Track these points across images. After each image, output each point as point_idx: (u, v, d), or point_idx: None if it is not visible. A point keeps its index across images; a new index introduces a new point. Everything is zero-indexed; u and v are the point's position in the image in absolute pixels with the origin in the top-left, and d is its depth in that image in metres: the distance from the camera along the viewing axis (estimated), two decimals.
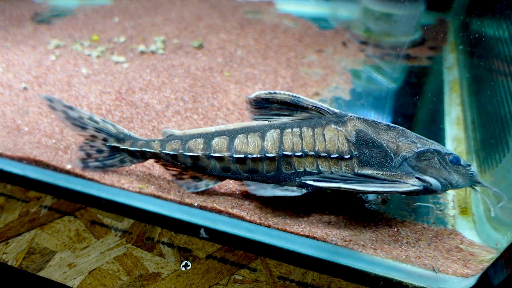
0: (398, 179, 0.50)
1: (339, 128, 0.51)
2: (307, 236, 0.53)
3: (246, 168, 0.54)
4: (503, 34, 0.68)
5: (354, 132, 0.50)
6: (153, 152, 0.56)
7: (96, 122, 0.58)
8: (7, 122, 0.74)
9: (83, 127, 0.58)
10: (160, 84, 0.84)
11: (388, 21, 0.94)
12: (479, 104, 0.71)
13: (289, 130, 0.52)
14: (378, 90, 0.86)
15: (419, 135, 0.52)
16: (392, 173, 0.50)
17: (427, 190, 0.50)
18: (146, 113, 0.75)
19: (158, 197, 0.59)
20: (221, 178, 0.57)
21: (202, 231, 0.59)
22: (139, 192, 0.60)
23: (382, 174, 0.50)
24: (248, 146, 0.52)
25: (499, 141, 0.57)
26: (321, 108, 0.51)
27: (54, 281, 0.53)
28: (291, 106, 0.52)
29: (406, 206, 0.57)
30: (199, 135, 0.55)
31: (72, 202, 0.65)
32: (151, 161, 0.64)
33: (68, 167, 0.63)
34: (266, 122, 0.53)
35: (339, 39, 1.02)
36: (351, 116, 0.52)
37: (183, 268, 0.54)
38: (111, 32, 1.07)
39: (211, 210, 0.57)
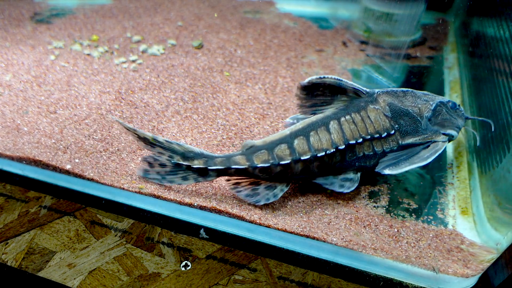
0: (431, 139, 0.55)
1: (376, 107, 0.54)
2: (307, 236, 0.53)
3: (321, 165, 0.54)
4: (504, 34, 0.68)
5: (387, 107, 0.55)
6: (242, 168, 0.53)
7: (161, 143, 0.55)
8: (6, 122, 0.74)
9: (152, 146, 0.56)
10: (160, 84, 0.84)
11: (388, 20, 0.94)
12: (479, 104, 0.71)
13: (343, 119, 0.54)
14: None
15: (423, 92, 0.58)
16: (425, 135, 0.55)
17: (449, 141, 0.57)
18: (146, 113, 0.75)
19: (158, 197, 0.59)
20: (290, 181, 0.56)
21: (202, 231, 0.59)
22: (139, 192, 0.60)
23: (419, 139, 0.55)
24: (321, 142, 0.53)
25: (500, 141, 0.57)
26: (358, 89, 0.54)
27: (54, 281, 0.53)
28: (334, 90, 0.54)
29: (406, 206, 0.57)
30: (280, 141, 0.53)
31: (72, 202, 0.65)
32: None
33: (68, 167, 0.63)
34: (321, 115, 0.55)
35: (339, 38, 1.02)
36: (378, 92, 0.56)
37: (183, 268, 0.54)
38: (110, 31, 1.07)
39: (211, 210, 0.57)
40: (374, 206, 0.57)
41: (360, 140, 0.53)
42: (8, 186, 0.68)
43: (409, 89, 0.57)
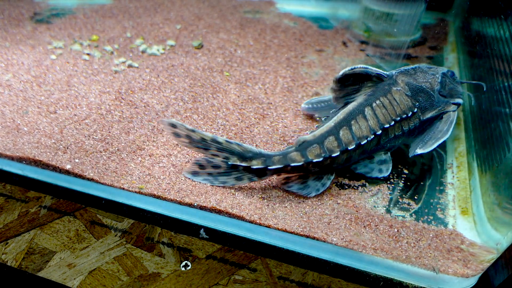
0: (444, 111, 0.60)
1: (398, 88, 0.58)
2: (307, 236, 0.53)
3: (362, 152, 0.57)
4: (504, 34, 0.68)
5: (406, 86, 0.58)
6: (299, 165, 0.53)
7: (220, 143, 0.54)
8: (6, 122, 0.74)
9: (206, 149, 0.55)
10: (160, 84, 0.84)
11: (388, 20, 0.93)
12: (479, 103, 0.71)
13: (374, 104, 0.57)
14: None
15: (426, 65, 0.63)
16: (439, 108, 0.60)
17: (458, 108, 0.62)
18: (146, 113, 0.75)
19: (158, 197, 0.59)
20: (334, 169, 0.58)
21: (202, 231, 0.59)
22: (139, 192, 0.60)
23: (435, 112, 0.59)
24: (362, 130, 0.56)
25: (500, 141, 0.57)
26: (381, 74, 0.58)
27: (54, 281, 0.53)
28: (362, 78, 0.58)
29: (406, 205, 0.57)
30: (327, 133, 0.55)
31: (72, 202, 0.65)
32: (148, 162, 0.64)
33: (68, 167, 0.63)
34: (354, 103, 0.57)
35: (340, 38, 1.02)
36: (395, 73, 0.60)
37: (183, 268, 0.54)
38: (110, 31, 1.07)
39: (211, 210, 0.57)
40: (374, 206, 0.57)
41: (392, 123, 0.57)
42: (8, 186, 0.68)
43: (416, 65, 0.62)
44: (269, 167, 0.53)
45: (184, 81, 0.85)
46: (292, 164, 0.53)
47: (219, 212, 0.56)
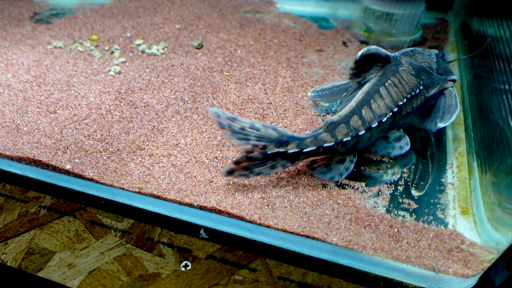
0: (443, 87, 0.64)
1: (403, 68, 0.61)
2: (307, 236, 0.53)
3: (381, 130, 0.59)
4: (504, 34, 0.68)
5: (410, 66, 0.62)
6: (330, 146, 0.55)
7: (258, 129, 0.53)
8: (6, 122, 0.74)
9: (247, 139, 0.53)
10: (160, 84, 0.84)
11: (388, 20, 0.93)
12: (480, 103, 0.71)
13: (387, 84, 0.59)
14: None
15: (419, 48, 0.67)
16: (439, 85, 0.64)
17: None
18: (146, 113, 0.75)
19: (158, 197, 0.59)
20: (356, 151, 0.61)
21: (202, 231, 0.59)
22: (139, 192, 0.60)
23: (436, 89, 0.63)
24: (380, 108, 0.58)
25: (500, 141, 0.57)
26: (389, 55, 0.61)
27: (54, 281, 0.53)
28: (374, 58, 0.60)
29: (406, 205, 0.57)
30: (351, 112, 0.57)
31: (72, 202, 0.65)
32: (148, 162, 0.64)
33: (68, 167, 0.63)
34: (369, 84, 0.60)
35: (340, 38, 1.02)
36: (398, 55, 0.64)
37: (183, 268, 0.54)
38: (110, 31, 1.07)
39: (211, 210, 0.57)
40: (374, 206, 0.57)
41: (405, 100, 0.59)
42: (8, 186, 0.68)
43: (412, 48, 0.67)
44: (304, 150, 0.55)
45: (184, 81, 0.85)
46: (325, 145, 0.55)
47: (219, 212, 0.56)
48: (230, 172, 0.57)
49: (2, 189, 0.68)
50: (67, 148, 0.67)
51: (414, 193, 0.58)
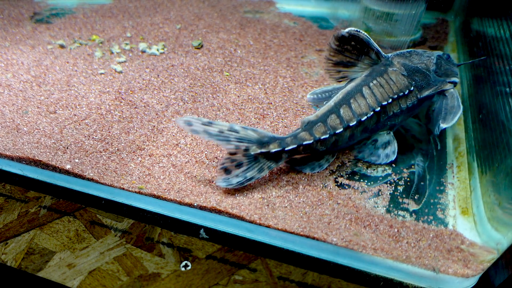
0: (441, 89, 0.63)
1: (394, 69, 0.61)
2: (307, 236, 0.53)
3: (363, 129, 0.59)
4: (504, 34, 0.68)
5: (402, 67, 0.62)
6: (309, 143, 0.56)
7: (237, 131, 0.55)
8: (6, 122, 0.74)
9: (227, 141, 0.55)
10: (160, 84, 0.84)
11: (388, 20, 0.93)
12: (480, 103, 0.71)
13: (371, 84, 0.60)
14: None
15: (421, 50, 0.66)
16: (436, 86, 0.63)
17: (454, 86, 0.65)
18: (146, 113, 0.75)
19: (158, 197, 0.59)
20: (334, 152, 0.62)
21: (202, 231, 0.59)
22: (139, 192, 0.60)
23: (432, 90, 0.62)
24: (361, 108, 0.58)
25: (500, 141, 0.57)
26: (380, 52, 0.61)
27: (54, 281, 0.53)
28: (362, 48, 0.60)
29: (406, 205, 0.57)
30: (329, 112, 0.58)
31: (72, 202, 0.65)
32: (148, 162, 0.64)
33: (68, 167, 0.63)
34: (352, 83, 0.60)
35: None
36: (391, 55, 0.63)
37: (183, 269, 0.54)
38: (110, 31, 1.07)
39: (211, 210, 0.57)
40: (374, 206, 0.57)
41: (390, 100, 0.59)
42: (8, 186, 0.68)
43: (410, 49, 0.66)
44: (285, 149, 0.56)
45: (184, 81, 0.85)
46: (304, 143, 0.56)
47: (219, 212, 0.56)
48: (225, 181, 0.57)
49: (2, 189, 0.68)
50: (67, 148, 0.67)
51: (412, 208, 0.58)
